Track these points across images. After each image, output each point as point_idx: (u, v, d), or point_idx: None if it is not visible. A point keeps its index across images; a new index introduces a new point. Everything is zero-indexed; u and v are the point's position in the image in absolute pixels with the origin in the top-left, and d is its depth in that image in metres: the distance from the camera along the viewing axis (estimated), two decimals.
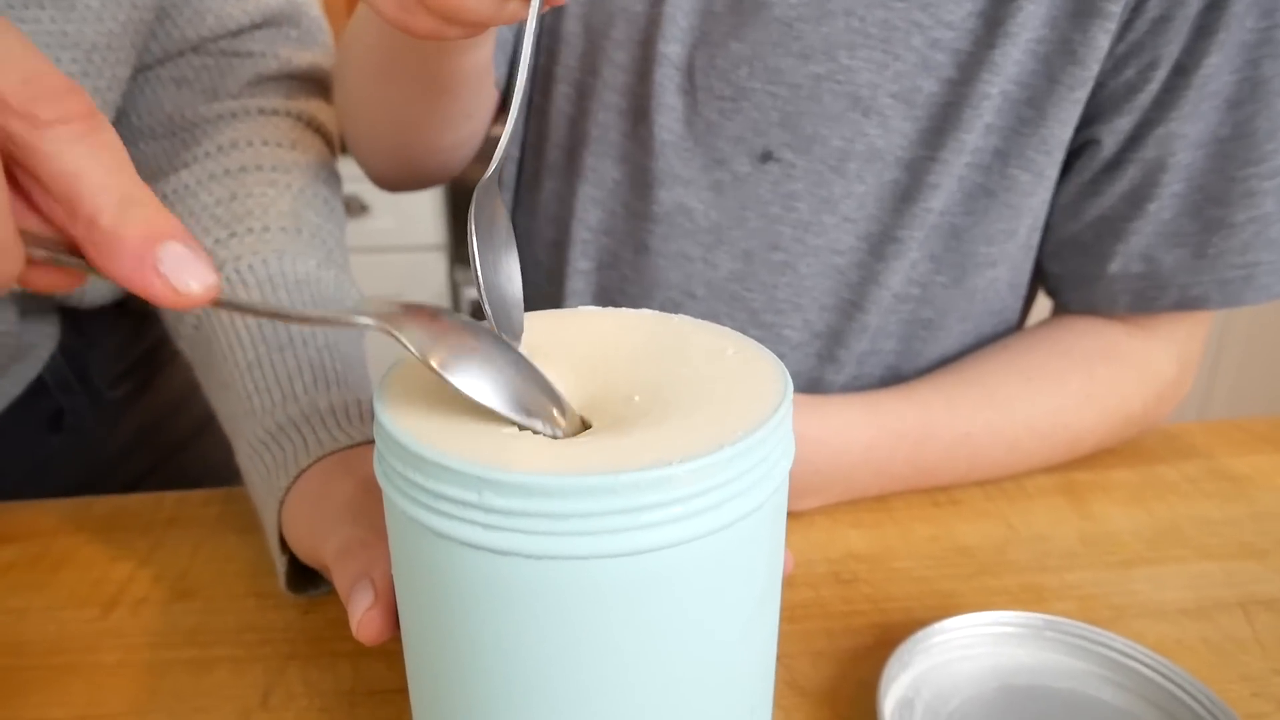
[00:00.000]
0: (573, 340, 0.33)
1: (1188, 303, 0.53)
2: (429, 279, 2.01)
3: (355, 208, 1.87)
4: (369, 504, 0.37)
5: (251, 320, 0.49)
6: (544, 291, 0.63)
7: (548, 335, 0.33)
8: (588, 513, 0.24)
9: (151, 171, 0.57)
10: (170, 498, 0.54)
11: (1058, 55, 0.50)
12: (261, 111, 0.57)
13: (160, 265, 0.24)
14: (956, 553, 0.49)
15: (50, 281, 0.26)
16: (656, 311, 0.35)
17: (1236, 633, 0.43)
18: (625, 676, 0.26)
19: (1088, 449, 0.56)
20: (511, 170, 0.62)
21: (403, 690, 0.32)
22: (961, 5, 0.50)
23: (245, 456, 0.46)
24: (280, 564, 0.43)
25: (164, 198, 0.55)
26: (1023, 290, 0.60)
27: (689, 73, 0.54)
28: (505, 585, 0.25)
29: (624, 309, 0.35)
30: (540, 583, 0.25)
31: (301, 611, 0.44)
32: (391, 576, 0.33)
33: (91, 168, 0.24)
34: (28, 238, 0.25)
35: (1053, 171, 0.54)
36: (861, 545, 0.50)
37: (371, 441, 0.43)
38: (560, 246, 0.59)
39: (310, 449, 0.42)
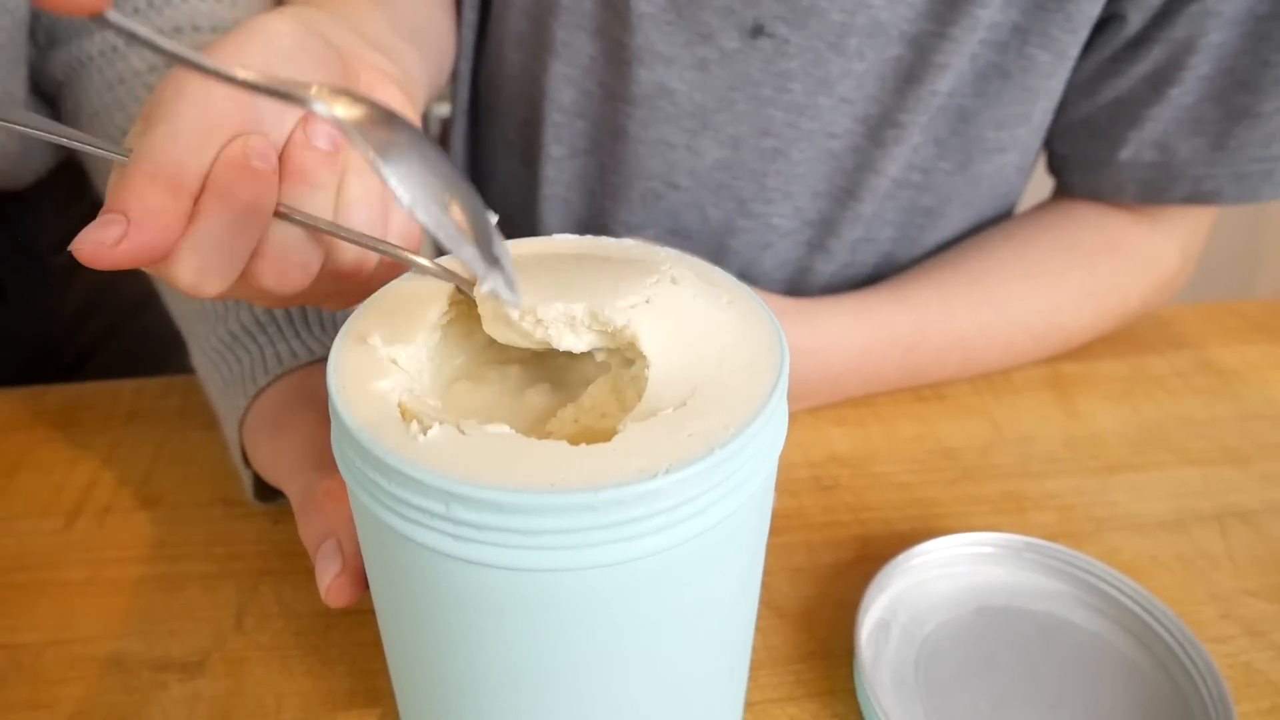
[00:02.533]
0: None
1: (1199, 196, 0.50)
2: None
3: None
4: (329, 439, 0.35)
5: None
6: (520, 176, 0.58)
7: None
8: (566, 529, 0.22)
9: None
10: (128, 387, 0.52)
11: None
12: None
13: None
14: (940, 455, 0.49)
15: None
16: (642, 244, 0.31)
17: (1210, 548, 0.44)
18: (608, 673, 0.26)
19: (1081, 343, 0.55)
20: (469, 36, 0.55)
21: (374, 611, 0.32)
22: None
23: (200, 364, 0.43)
24: (246, 477, 0.42)
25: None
26: (1029, 172, 0.57)
27: None
28: (476, 592, 0.24)
29: (606, 241, 0.32)
30: (513, 592, 0.23)
31: (272, 521, 0.43)
32: (357, 538, 0.31)
33: None
34: None
35: (1075, 50, 0.49)
36: (844, 446, 0.49)
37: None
38: (532, 127, 0.54)
39: (268, 364, 0.40)
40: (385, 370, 0.26)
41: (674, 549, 0.24)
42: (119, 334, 0.70)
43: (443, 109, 0.95)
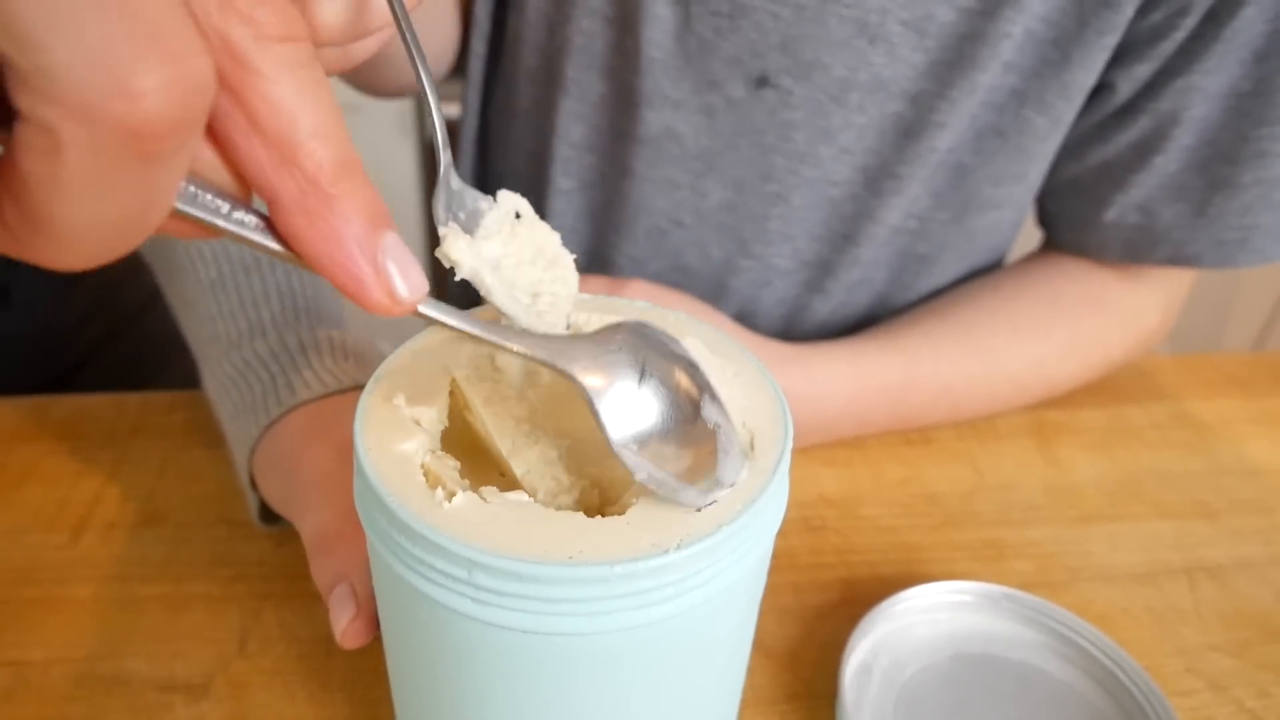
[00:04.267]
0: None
1: (1180, 259, 0.52)
2: (399, 210, 1.88)
3: None
4: (343, 477, 0.36)
5: None
6: None
7: None
8: (581, 598, 0.24)
9: None
10: (134, 400, 0.53)
11: None
12: None
13: (381, 258, 0.19)
14: (924, 500, 0.50)
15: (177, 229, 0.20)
16: (654, 309, 0.33)
17: (1179, 602, 0.46)
18: None
19: (1065, 392, 0.57)
20: (478, 67, 0.57)
21: (378, 638, 0.33)
22: None
23: (212, 388, 0.44)
24: (252, 501, 0.43)
25: None
26: (1020, 225, 0.59)
27: None
28: (491, 650, 0.25)
29: (618, 303, 0.33)
30: (527, 652, 0.25)
31: (275, 544, 0.44)
32: (369, 580, 0.32)
33: (312, 108, 0.18)
34: (196, 181, 0.19)
35: (1070, 116, 0.51)
36: (832, 487, 0.51)
37: (346, 390, 0.41)
38: (540, 159, 0.55)
39: (281, 396, 0.41)
40: (409, 431, 0.27)
41: (682, 615, 0.25)
42: (120, 337, 0.70)
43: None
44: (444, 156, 0.26)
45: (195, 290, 0.45)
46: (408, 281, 0.20)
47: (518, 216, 0.27)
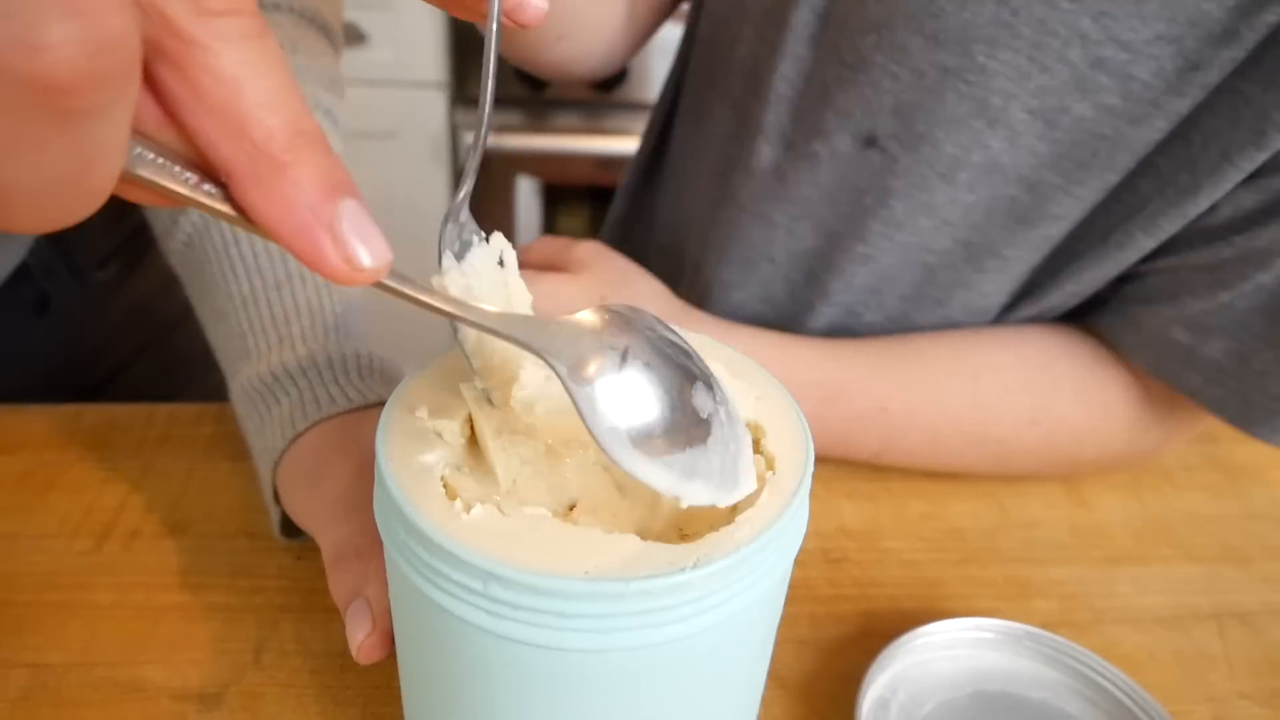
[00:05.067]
0: None
1: (1205, 399, 0.47)
2: (428, 118, 1.93)
3: (352, 36, 1.77)
4: (365, 492, 0.37)
5: (246, 247, 0.46)
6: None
7: None
8: (597, 614, 0.24)
9: None
10: (162, 411, 0.53)
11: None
12: (262, 6, 0.52)
13: (338, 225, 0.19)
14: (947, 535, 0.50)
15: (149, 199, 0.20)
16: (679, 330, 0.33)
17: (1208, 648, 0.45)
18: None
19: (1022, 471, 0.53)
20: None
21: (392, 656, 0.33)
22: (1148, 25, 0.41)
23: (239, 400, 0.44)
24: (274, 514, 0.43)
25: None
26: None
27: (825, 22, 0.48)
28: (505, 664, 0.25)
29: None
30: (541, 667, 0.25)
31: (294, 557, 0.45)
32: (386, 597, 0.32)
33: (260, 79, 0.18)
34: (154, 147, 0.19)
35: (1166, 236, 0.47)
36: (854, 519, 0.50)
37: (371, 406, 0.42)
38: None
39: (307, 410, 0.41)
40: (430, 443, 0.27)
41: (697, 635, 0.25)
42: (150, 350, 0.71)
43: None
44: (465, 186, 0.27)
45: (226, 304, 0.46)
46: (369, 249, 0.19)
47: (501, 264, 0.27)
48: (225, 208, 0.20)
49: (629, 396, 0.23)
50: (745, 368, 0.31)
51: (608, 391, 0.23)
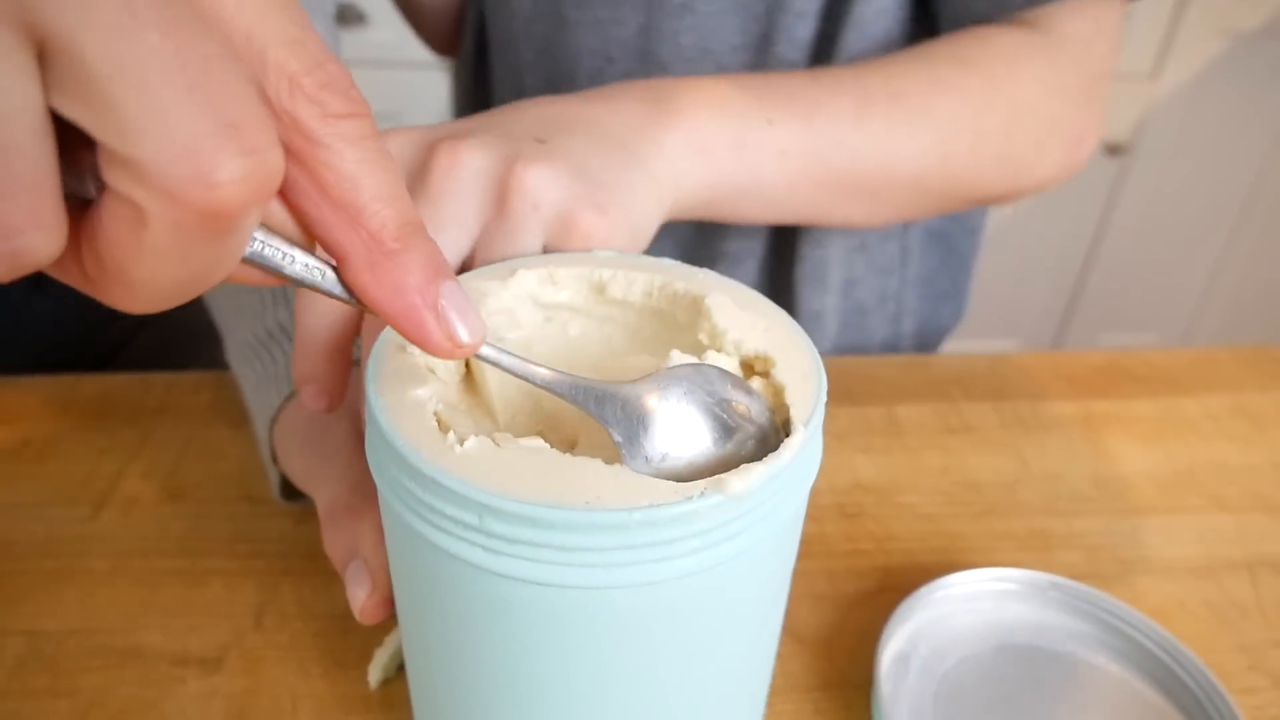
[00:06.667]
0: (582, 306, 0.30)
1: None
2: (430, 98, 1.91)
3: (352, 17, 1.75)
4: (360, 449, 0.35)
5: None
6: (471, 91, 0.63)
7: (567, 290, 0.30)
8: (598, 547, 0.22)
9: None
10: (159, 380, 0.52)
11: None
12: None
13: (440, 305, 0.21)
14: (966, 488, 0.48)
15: (258, 280, 0.22)
16: (680, 265, 0.31)
17: (1240, 597, 0.43)
18: (631, 693, 0.25)
19: (991, 153, 0.49)
20: None
21: (393, 617, 0.32)
22: None
23: (235, 359, 0.43)
24: (273, 475, 0.42)
25: None
26: None
27: None
28: (503, 605, 0.24)
29: (645, 260, 0.32)
30: (541, 607, 0.23)
31: (294, 521, 0.44)
32: (383, 554, 0.31)
33: (374, 175, 0.20)
34: (269, 235, 0.21)
35: None
36: (870, 474, 0.49)
37: None
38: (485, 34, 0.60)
39: None
40: (423, 378, 0.26)
41: (705, 572, 0.23)
42: (151, 324, 0.70)
43: None
44: None
45: None
46: (466, 326, 0.22)
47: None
48: (337, 290, 0.22)
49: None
50: (750, 300, 0.30)
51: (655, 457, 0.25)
